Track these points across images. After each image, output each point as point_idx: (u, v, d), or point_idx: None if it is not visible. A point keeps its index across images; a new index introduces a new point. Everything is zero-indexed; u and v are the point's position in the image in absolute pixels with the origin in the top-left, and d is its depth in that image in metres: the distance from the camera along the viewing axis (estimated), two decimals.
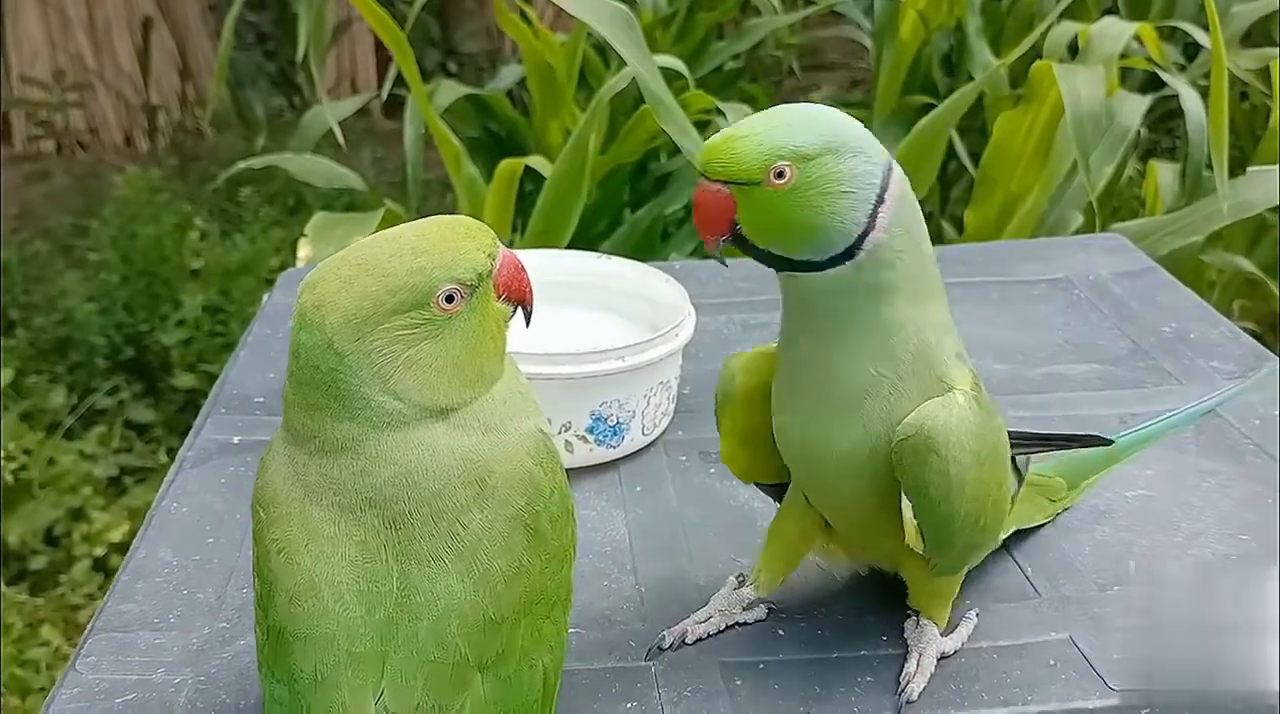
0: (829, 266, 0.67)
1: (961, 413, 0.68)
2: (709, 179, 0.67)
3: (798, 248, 0.67)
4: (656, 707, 0.73)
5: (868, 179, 0.66)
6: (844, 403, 0.70)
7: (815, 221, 0.66)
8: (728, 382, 0.79)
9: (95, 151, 4.13)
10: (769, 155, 0.65)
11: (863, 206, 0.66)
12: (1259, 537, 0.87)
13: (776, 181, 0.65)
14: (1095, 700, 0.72)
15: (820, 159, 0.65)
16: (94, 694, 0.73)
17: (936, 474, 0.68)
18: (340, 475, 0.61)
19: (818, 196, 0.65)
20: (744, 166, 0.65)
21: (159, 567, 0.86)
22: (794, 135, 0.65)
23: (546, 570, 0.64)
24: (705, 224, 0.69)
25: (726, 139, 0.66)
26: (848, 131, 0.67)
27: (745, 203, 0.66)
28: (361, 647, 0.60)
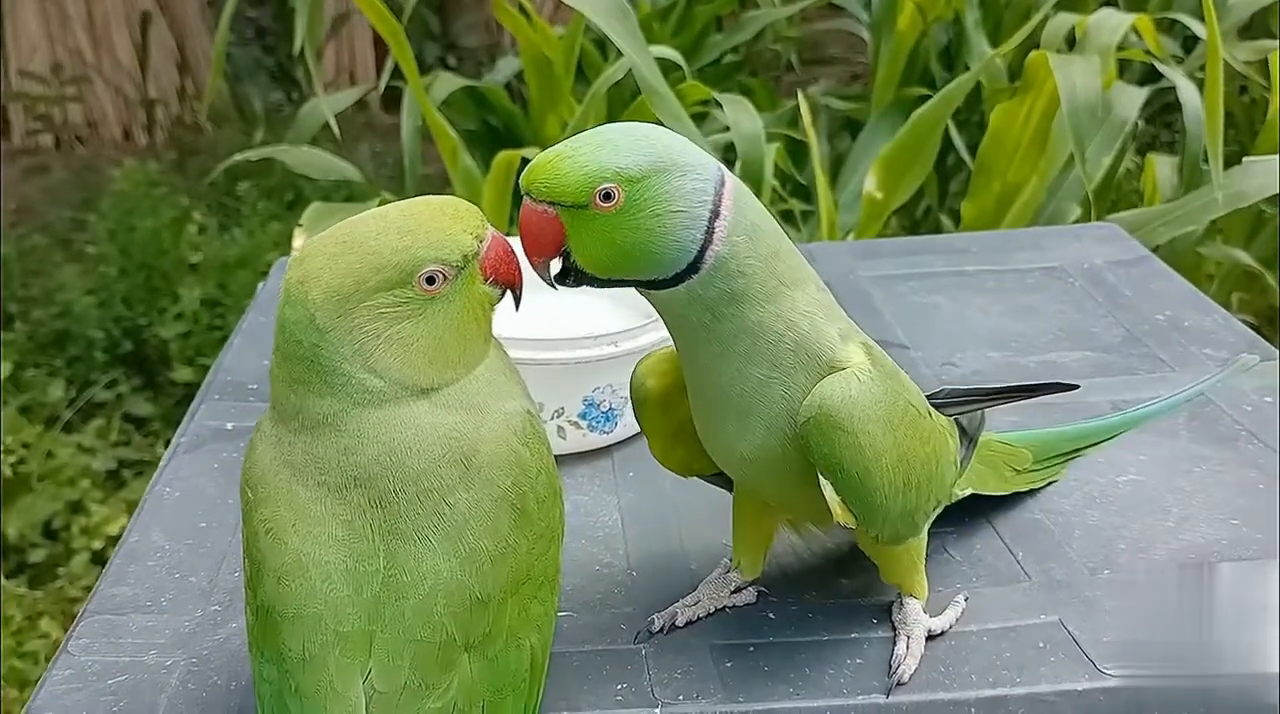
0: (675, 283, 0.66)
1: (858, 385, 0.67)
2: (534, 199, 0.65)
3: (635, 269, 0.66)
4: (646, 688, 0.73)
5: (699, 196, 0.64)
6: (740, 407, 0.69)
7: (647, 243, 0.64)
8: (639, 387, 0.78)
9: (94, 146, 4.13)
10: (592, 177, 0.63)
11: (697, 223, 0.64)
12: (1250, 521, 0.87)
13: (603, 204, 0.63)
14: (1084, 682, 0.72)
15: (648, 180, 0.63)
16: (86, 675, 0.74)
17: (847, 449, 0.67)
18: (325, 454, 0.61)
19: (648, 218, 0.64)
20: (568, 188, 0.63)
21: (151, 550, 0.86)
22: (619, 156, 0.63)
23: (533, 551, 0.64)
24: (534, 248, 0.66)
25: (551, 159, 0.64)
26: (675, 150, 0.65)
27: (574, 226, 0.64)
28: (349, 626, 0.60)
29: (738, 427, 0.70)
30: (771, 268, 0.67)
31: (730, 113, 1.95)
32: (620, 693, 0.73)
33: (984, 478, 0.86)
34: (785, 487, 0.73)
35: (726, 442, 0.72)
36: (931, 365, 1.12)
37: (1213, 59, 1.62)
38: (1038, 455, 0.89)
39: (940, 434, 0.75)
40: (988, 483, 0.86)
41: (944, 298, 1.26)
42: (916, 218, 2.69)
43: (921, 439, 0.72)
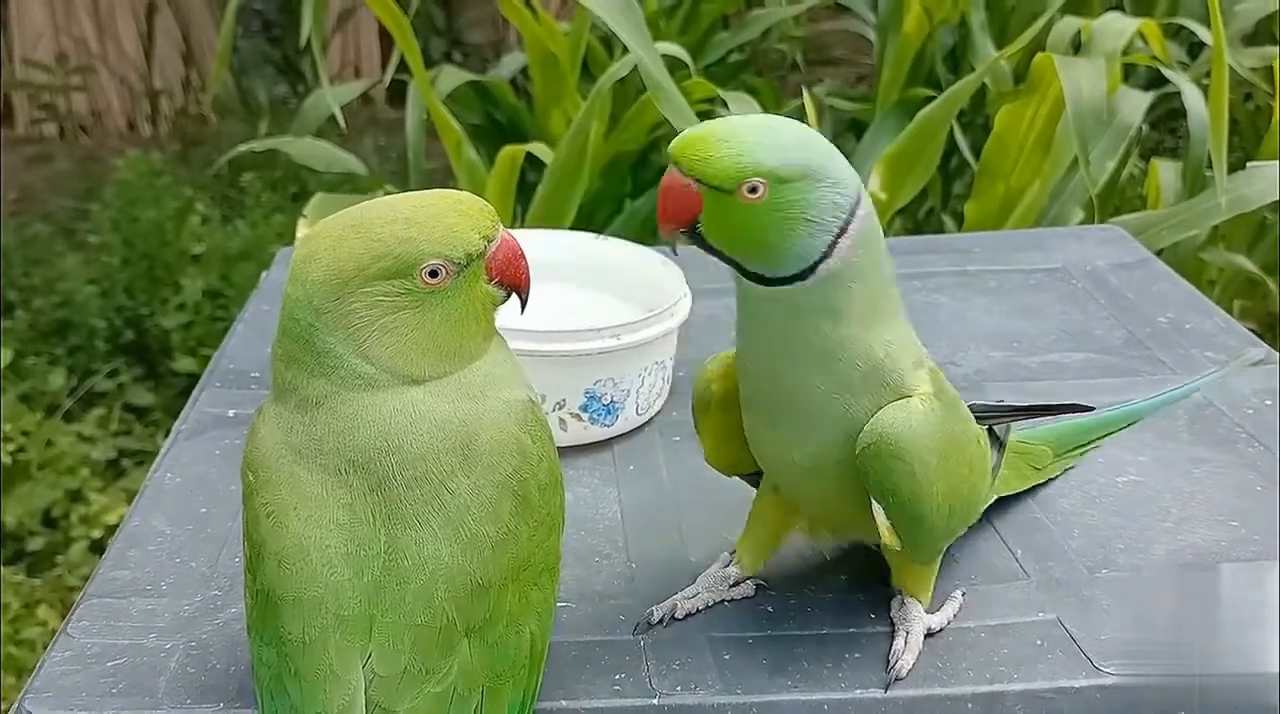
0: (780, 283, 0.67)
1: (919, 415, 0.69)
2: (681, 172, 0.66)
3: (753, 259, 0.67)
4: (645, 679, 0.73)
5: (835, 211, 0.66)
6: (799, 416, 0.70)
7: (775, 242, 0.65)
8: (704, 390, 0.79)
9: (97, 136, 4.13)
10: (745, 169, 0.64)
11: (824, 236, 0.66)
12: (1249, 523, 0.87)
13: (748, 195, 0.64)
14: (1082, 680, 0.73)
15: (795, 184, 0.65)
16: (85, 658, 0.74)
17: (903, 477, 0.69)
18: (324, 436, 0.61)
19: (783, 219, 0.65)
20: (719, 173, 0.65)
21: (152, 535, 0.86)
22: (776, 154, 0.65)
23: (534, 537, 0.64)
24: (667, 215, 0.68)
25: (706, 138, 0.65)
26: (827, 159, 0.66)
27: (711, 205, 0.66)
28: (349, 609, 0.60)
29: (792, 433, 0.71)
30: (872, 296, 0.68)
31: (735, 111, 1.95)
32: (618, 683, 0.73)
33: (1007, 481, 0.86)
34: (828, 497, 0.74)
35: (779, 446, 0.72)
36: None
37: (1218, 63, 1.62)
38: (1056, 450, 0.90)
39: (984, 457, 0.77)
40: (1010, 484, 0.87)
41: (946, 297, 1.26)
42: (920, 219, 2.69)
43: (970, 466, 0.74)
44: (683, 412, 1.05)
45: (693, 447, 1.00)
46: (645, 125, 2.21)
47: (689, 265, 1.11)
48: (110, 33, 4.09)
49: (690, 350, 1.12)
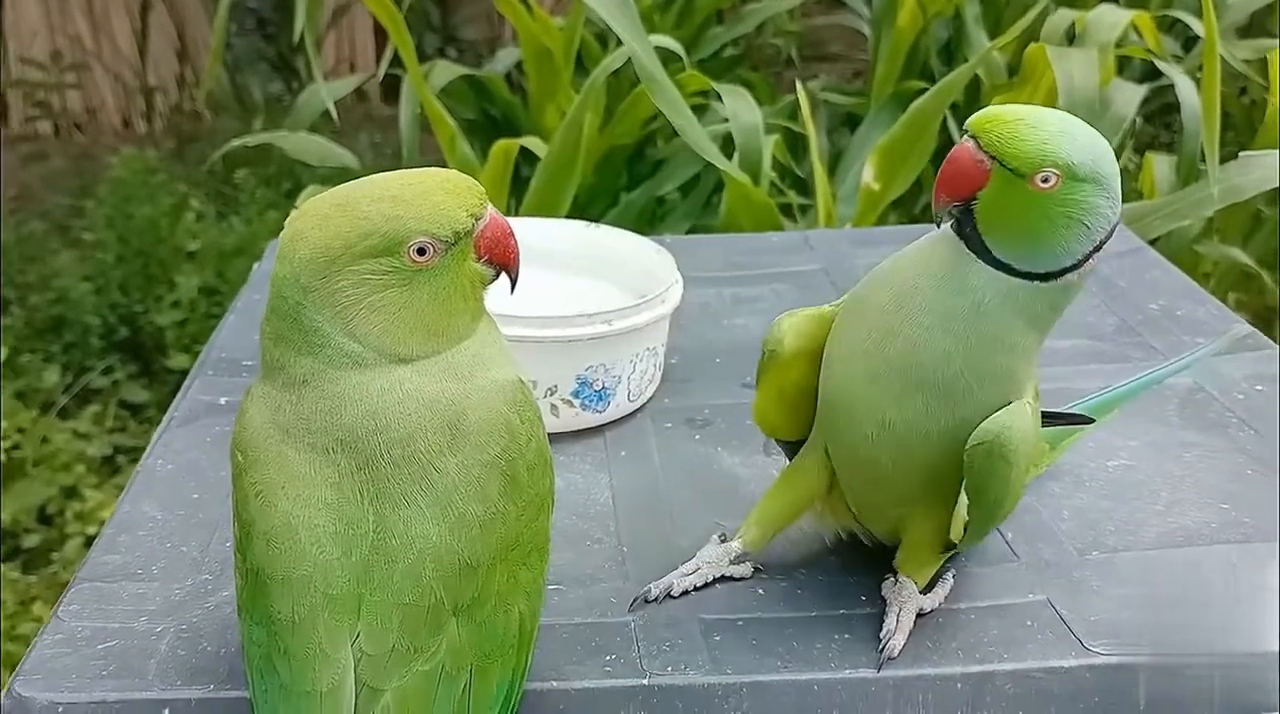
0: (1019, 276, 0.68)
1: (1028, 423, 0.70)
2: (978, 147, 0.66)
3: (1011, 249, 0.67)
4: (635, 660, 0.73)
5: (1105, 223, 0.67)
6: (919, 382, 0.70)
7: (1047, 235, 0.66)
8: (776, 342, 0.78)
9: (92, 133, 4.13)
10: (1049, 158, 0.65)
11: (1088, 243, 0.67)
12: (1239, 506, 0.88)
13: (1041, 185, 0.65)
14: (1071, 659, 0.73)
15: (1085, 183, 0.65)
16: (76, 641, 0.74)
17: (1000, 479, 0.70)
18: (311, 415, 0.61)
19: (1063, 217, 0.66)
20: (1022, 154, 0.65)
21: (143, 520, 0.86)
22: (1077, 152, 0.65)
23: (523, 517, 0.64)
24: (949, 185, 0.68)
25: (1014, 119, 0.66)
26: (1113, 173, 0.67)
27: (997, 184, 0.66)
28: (337, 588, 0.60)
29: (898, 391, 0.70)
30: (1059, 317, 0.70)
31: (729, 103, 1.95)
32: (609, 664, 0.73)
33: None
34: (897, 466, 0.73)
35: (877, 400, 0.71)
36: None
37: (1209, 53, 1.62)
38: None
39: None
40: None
41: None
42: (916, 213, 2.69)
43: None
44: (675, 399, 1.05)
45: (685, 433, 1.00)
46: (639, 119, 2.21)
47: (681, 253, 1.11)
48: (105, 30, 4.09)
49: (682, 338, 1.13)
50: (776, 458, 0.93)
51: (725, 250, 1.35)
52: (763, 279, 1.27)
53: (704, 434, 1.00)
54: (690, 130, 1.70)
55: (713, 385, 1.07)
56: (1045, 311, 0.69)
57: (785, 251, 1.35)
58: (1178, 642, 0.74)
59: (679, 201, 2.34)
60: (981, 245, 0.68)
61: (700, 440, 0.99)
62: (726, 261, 1.31)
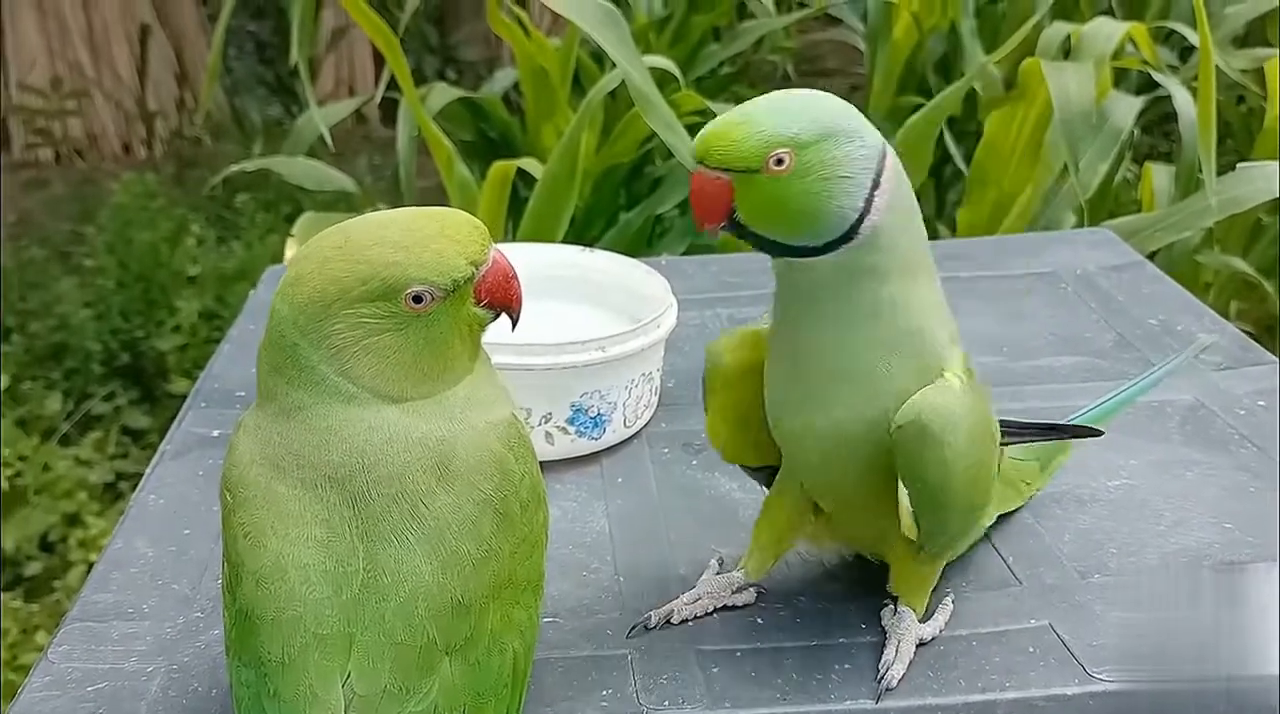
0: (826, 251, 0.67)
1: (957, 396, 0.69)
2: (707, 167, 0.67)
3: (797, 233, 0.67)
4: (632, 694, 0.72)
5: (864, 164, 0.66)
6: (838, 384, 0.70)
7: (814, 207, 0.66)
8: (716, 359, 0.79)
9: (93, 159, 4.14)
10: (768, 142, 0.65)
11: (859, 191, 0.66)
12: (1242, 525, 0.87)
13: (775, 168, 0.65)
14: (1074, 687, 0.72)
15: (818, 145, 0.65)
16: (65, 683, 0.73)
17: (935, 461, 0.68)
18: (300, 448, 0.61)
19: (816, 182, 0.65)
20: (743, 154, 0.65)
21: (134, 557, 0.86)
22: (792, 122, 0.65)
23: (516, 555, 0.63)
24: (703, 212, 0.68)
25: (724, 126, 0.66)
26: (844, 117, 0.67)
27: (744, 190, 0.66)
28: (328, 628, 0.59)
29: (824, 400, 0.70)
30: (915, 250, 0.69)
31: None
32: (605, 698, 0.72)
33: (1006, 497, 0.86)
34: (850, 476, 0.72)
35: (807, 415, 0.71)
36: None
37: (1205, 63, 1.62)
38: (1042, 461, 0.89)
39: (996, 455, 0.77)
40: (1010, 501, 0.86)
41: None
42: None
43: (991, 461, 0.74)
44: (672, 424, 1.04)
45: (681, 458, 0.99)
46: (636, 138, 2.21)
47: (675, 275, 1.11)
48: (104, 57, 4.10)
49: (678, 361, 1.12)
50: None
51: (719, 271, 1.35)
52: (757, 300, 1.27)
53: (701, 459, 0.99)
54: (684, 150, 1.69)
55: None
56: (882, 260, 0.67)
57: None
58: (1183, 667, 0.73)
59: (677, 220, 2.33)
60: (776, 245, 0.68)
61: (697, 465, 0.98)
62: (720, 282, 1.31)
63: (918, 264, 0.69)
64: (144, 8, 4.14)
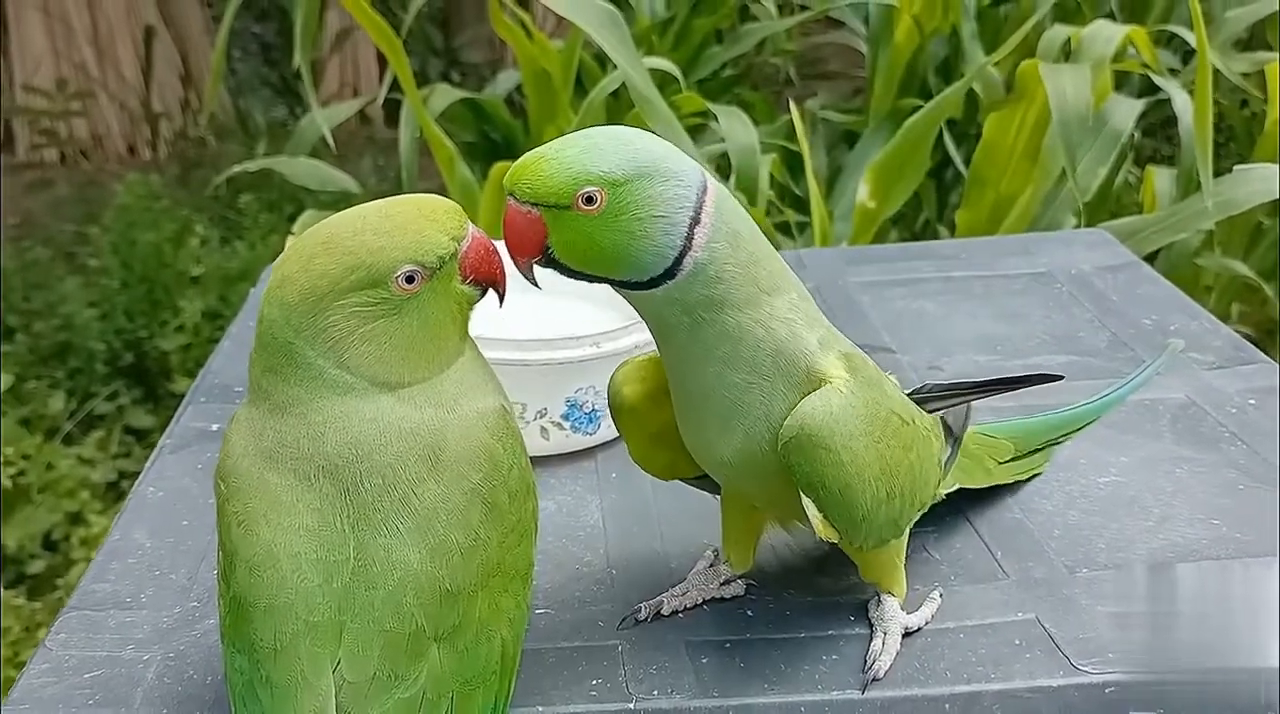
0: (653, 286, 0.66)
1: (839, 400, 0.67)
2: (517, 200, 0.65)
3: (614, 270, 0.66)
4: (621, 684, 0.73)
5: (680, 203, 0.65)
6: (720, 412, 0.69)
7: (627, 246, 0.64)
8: (615, 395, 0.78)
9: (98, 160, 4.16)
10: (576, 180, 0.63)
11: (676, 229, 0.64)
12: (1231, 521, 0.87)
13: (586, 207, 0.63)
14: (1059, 679, 0.72)
15: (630, 184, 0.64)
16: (63, 670, 0.74)
17: (829, 467, 0.67)
18: (295, 441, 0.62)
19: (629, 222, 0.64)
20: (551, 189, 0.63)
21: (133, 549, 0.87)
22: (603, 160, 0.64)
23: (504, 544, 0.64)
24: (517, 247, 0.66)
25: (534, 160, 0.64)
26: (659, 155, 0.65)
27: (555, 226, 0.65)
28: (319, 616, 0.60)
29: (718, 430, 0.70)
30: (751, 274, 0.67)
31: (725, 124, 1.95)
32: (595, 688, 0.73)
33: (969, 471, 0.86)
34: (767, 489, 0.73)
35: (707, 444, 0.72)
36: (917, 369, 1.12)
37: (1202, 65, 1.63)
38: (1019, 446, 0.90)
39: (924, 438, 0.75)
40: (973, 476, 0.86)
41: (932, 303, 1.26)
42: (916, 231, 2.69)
43: (905, 447, 0.72)
44: None
45: None
46: None
47: None
48: (110, 58, 4.12)
49: None
50: None
51: None
52: None
53: None
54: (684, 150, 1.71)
55: None
56: (719, 289, 0.66)
57: None
58: (1168, 660, 0.74)
59: None
60: (602, 279, 0.67)
61: None
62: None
63: (762, 286, 0.67)
64: (149, 9, 4.16)
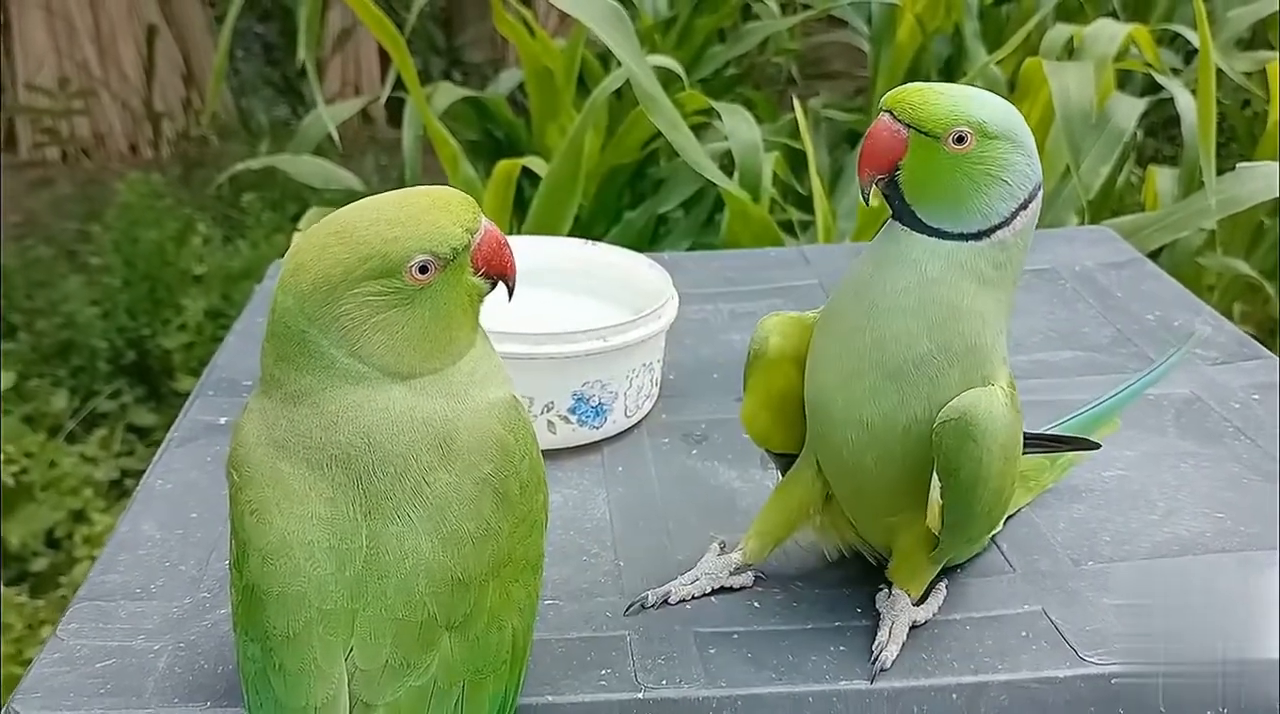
0: (954, 239, 0.70)
1: (1000, 406, 0.70)
2: (893, 117, 0.69)
3: (940, 212, 0.70)
4: (630, 674, 0.73)
5: (1026, 180, 0.70)
6: (888, 368, 0.71)
7: (970, 194, 0.69)
8: (761, 341, 0.80)
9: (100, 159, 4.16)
10: (959, 117, 0.68)
11: (1011, 201, 0.69)
12: (1235, 515, 0.88)
13: (955, 145, 0.68)
14: (1066, 670, 0.73)
15: (999, 141, 0.68)
16: (75, 659, 0.74)
17: (970, 459, 0.70)
18: (307, 430, 0.62)
19: (982, 174, 0.69)
20: (933, 116, 0.68)
21: (142, 540, 0.87)
22: (986, 110, 0.68)
23: (515, 534, 0.64)
24: (871, 158, 0.70)
25: (922, 89, 0.69)
26: (1025, 133, 0.70)
27: (916, 151, 0.69)
28: (332, 604, 0.61)
29: (875, 386, 0.71)
30: (1013, 278, 0.72)
31: (728, 122, 1.96)
32: (604, 678, 0.73)
33: (1016, 498, 0.87)
34: (880, 464, 0.73)
35: (852, 401, 0.72)
36: None
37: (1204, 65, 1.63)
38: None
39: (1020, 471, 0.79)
40: (1020, 499, 0.88)
41: None
42: None
43: (1012, 476, 0.76)
44: (672, 415, 1.05)
45: (681, 448, 1.01)
46: (640, 138, 2.22)
47: (677, 269, 1.12)
48: (112, 56, 4.12)
49: (680, 353, 1.13)
50: (774, 472, 0.93)
51: (722, 266, 1.36)
52: (759, 294, 1.28)
53: (701, 449, 1.00)
54: (689, 149, 1.71)
55: (709, 401, 1.07)
56: (990, 272, 0.70)
57: (782, 267, 1.35)
58: (1173, 651, 0.74)
59: (680, 219, 2.34)
60: (913, 216, 0.71)
61: (697, 455, 0.99)
62: (723, 277, 1.32)
63: (1010, 291, 0.72)
64: (151, 8, 4.16)
